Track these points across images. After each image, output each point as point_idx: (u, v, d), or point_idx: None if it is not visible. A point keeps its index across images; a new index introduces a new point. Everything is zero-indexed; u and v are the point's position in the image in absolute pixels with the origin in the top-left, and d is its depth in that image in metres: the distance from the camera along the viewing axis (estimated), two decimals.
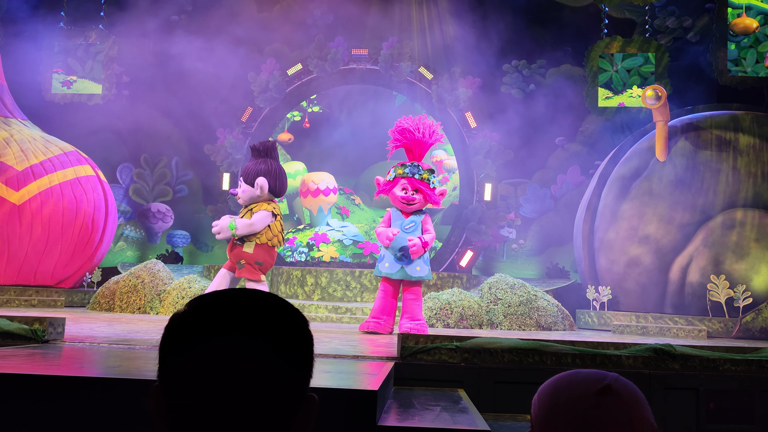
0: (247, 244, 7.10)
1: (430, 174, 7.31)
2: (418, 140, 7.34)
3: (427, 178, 7.25)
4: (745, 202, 10.33)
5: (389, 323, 7.18)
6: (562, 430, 1.14)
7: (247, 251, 7.11)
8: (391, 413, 3.13)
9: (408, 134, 7.37)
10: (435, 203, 7.38)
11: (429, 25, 13.88)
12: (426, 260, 7.27)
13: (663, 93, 10.47)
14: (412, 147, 7.40)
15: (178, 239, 13.82)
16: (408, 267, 7.12)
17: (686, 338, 8.91)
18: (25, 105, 12.25)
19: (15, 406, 2.73)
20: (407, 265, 7.11)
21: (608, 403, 1.12)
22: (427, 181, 7.24)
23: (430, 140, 7.45)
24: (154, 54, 12.96)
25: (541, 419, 1.18)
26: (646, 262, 10.43)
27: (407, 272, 7.11)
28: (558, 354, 4.47)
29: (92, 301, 9.83)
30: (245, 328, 0.91)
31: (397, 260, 7.14)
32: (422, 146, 7.42)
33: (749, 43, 12.06)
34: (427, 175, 7.28)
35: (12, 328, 4.46)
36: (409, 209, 7.29)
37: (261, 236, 7.12)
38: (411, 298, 7.13)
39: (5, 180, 10.36)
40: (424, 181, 7.22)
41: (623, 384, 1.15)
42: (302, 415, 0.94)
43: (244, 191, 7.27)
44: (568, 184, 13.36)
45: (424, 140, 7.37)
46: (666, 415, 4.37)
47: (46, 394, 2.75)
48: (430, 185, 7.24)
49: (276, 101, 13.28)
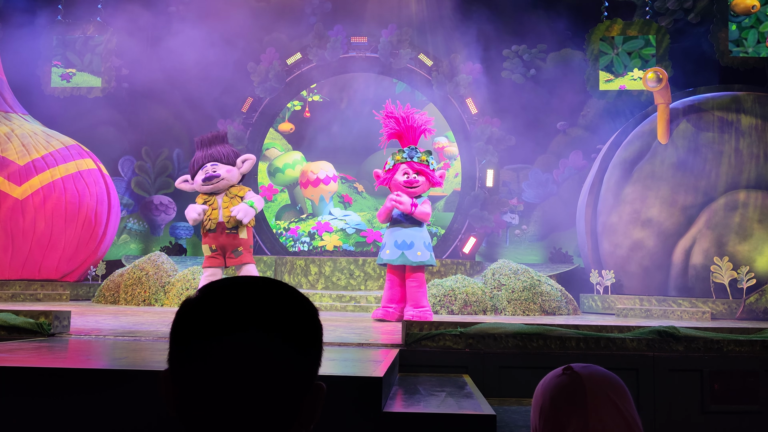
0: (242, 230, 7.12)
1: (428, 155, 7.29)
2: (409, 126, 7.35)
3: (426, 160, 7.23)
4: (748, 183, 10.30)
5: (399, 311, 7.19)
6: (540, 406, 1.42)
7: (243, 237, 7.16)
8: (397, 399, 3.15)
9: (398, 123, 7.38)
10: (437, 184, 7.37)
11: (428, 12, 13.80)
12: (428, 246, 7.24)
13: (664, 75, 10.43)
14: (404, 134, 7.40)
15: (181, 231, 13.85)
16: (409, 252, 7.09)
17: (690, 320, 8.92)
18: (25, 99, 12.24)
19: (22, 399, 2.75)
20: (407, 249, 7.11)
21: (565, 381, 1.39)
22: (426, 163, 7.22)
23: (421, 126, 7.42)
24: (153, 46, 12.92)
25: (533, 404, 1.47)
26: (649, 245, 10.43)
27: (408, 257, 7.10)
28: (562, 338, 4.48)
29: (97, 294, 9.87)
30: (257, 322, 0.91)
31: (397, 246, 7.15)
32: (414, 131, 7.41)
33: (750, 24, 11.99)
34: (426, 156, 7.26)
35: (18, 322, 4.48)
36: (414, 192, 7.27)
37: (250, 221, 7.19)
38: (414, 285, 7.13)
39: (7, 175, 10.37)
40: (423, 164, 7.21)
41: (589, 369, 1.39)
42: (310, 403, 0.95)
43: (229, 170, 7.22)
44: (570, 169, 13.33)
45: (414, 126, 7.37)
46: (670, 397, 4.39)
47: (53, 387, 2.77)
48: (430, 167, 7.21)
49: (276, 91, 13.25)
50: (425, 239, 7.20)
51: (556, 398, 1.39)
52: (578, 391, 1.37)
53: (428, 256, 7.18)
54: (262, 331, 0.91)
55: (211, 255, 7.19)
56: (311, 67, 13.32)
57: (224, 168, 7.21)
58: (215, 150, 7.32)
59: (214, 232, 7.12)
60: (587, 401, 1.35)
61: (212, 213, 7.15)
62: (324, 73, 13.47)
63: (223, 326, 0.91)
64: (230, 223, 7.06)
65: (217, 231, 7.10)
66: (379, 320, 7.15)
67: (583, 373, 1.39)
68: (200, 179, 7.20)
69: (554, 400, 1.39)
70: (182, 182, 7.48)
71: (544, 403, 1.42)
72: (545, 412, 1.41)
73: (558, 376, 1.42)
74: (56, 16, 13.35)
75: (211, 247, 7.18)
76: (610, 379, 1.40)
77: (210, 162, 7.25)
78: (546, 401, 1.42)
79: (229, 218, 7.07)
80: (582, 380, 1.38)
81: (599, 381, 1.38)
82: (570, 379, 1.39)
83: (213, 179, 7.12)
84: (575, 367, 1.42)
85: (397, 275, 7.27)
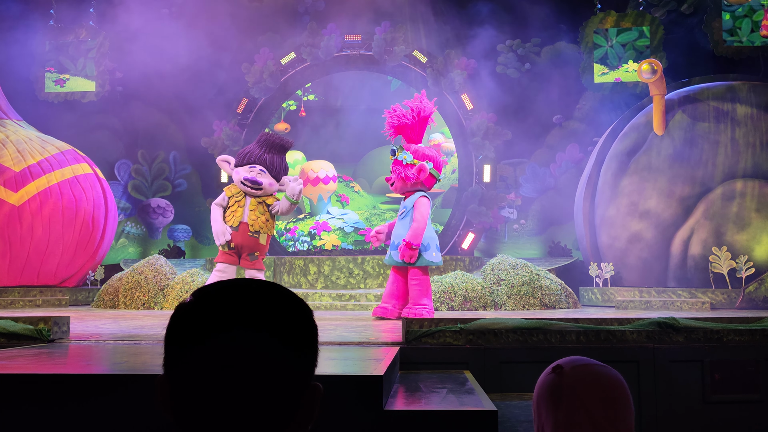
0: (262, 236, 7.11)
1: (401, 150, 7.21)
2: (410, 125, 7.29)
3: (399, 155, 7.18)
4: (745, 172, 10.31)
5: (398, 308, 7.17)
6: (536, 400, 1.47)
7: (263, 243, 7.15)
8: (398, 397, 3.14)
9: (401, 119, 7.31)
10: (407, 179, 7.07)
11: (422, 8, 13.79)
12: (426, 246, 7.10)
13: (659, 66, 10.43)
14: (407, 131, 7.34)
15: (179, 234, 13.83)
16: (395, 252, 7.11)
17: (690, 311, 8.93)
18: (20, 105, 12.21)
19: (23, 406, 2.74)
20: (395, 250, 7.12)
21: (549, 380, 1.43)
22: (400, 159, 7.16)
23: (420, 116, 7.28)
24: (146, 48, 12.89)
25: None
26: (648, 237, 10.44)
27: (393, 258, 7.13)
28: (562, 332, 4.48)
29: (96, 299, 9.85)
30: (249, 322, 0.91)
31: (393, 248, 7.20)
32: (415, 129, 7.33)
33: (744, 13, 11.99)
34: (400, 151, 7.20)
35: (17, 329, 4.47)
36: (401, 191, 7.30)
37: (271, 229, 7.19)
38: (414, 284, 7.11)
39: (3, 182, 10.35)
40: (397, 160, 7.17)
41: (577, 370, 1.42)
42: (307, 403, 0.95)
43: (271, 184, 7.15)
44: (567, 162, 13.34)
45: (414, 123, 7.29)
46: (672, 388, 4.39)
47: (54, 394, 2.76)
48: (403, 162, 7.13)
49: (271, 91, 13.23)
50: (424, 241, 7.05)
51: (540, 396, 1.45)
52: (555, 392, 1.41)
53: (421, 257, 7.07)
54: (253, 330, 0.91)
55: (227, 252, 7.14)
56: (305, 66, 13.31)
57: (269, 180, 7.14)
58: (272, 157, 7.25)
59: (236, 231, 7.06)
60: (561, 403, 1.39)
61: (237, 210, 7.07)
62: (318, 72, 13.45)
63: (215, 328, 0.91)
64: (254, 226, 7.03)
65: (239, 230, 7.06)
66: (378, 318, 7.14)
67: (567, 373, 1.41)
68: (243, 175, 7.10)
69: (539, 398, 1.46)
70: (224, 161, 7.38)
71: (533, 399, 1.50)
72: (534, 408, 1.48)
73: (547, 374, 1.46)
74: (48, 21, 13.31)
75: (229, 244, 7.11)
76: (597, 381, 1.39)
77: (261, 166, 7.19)
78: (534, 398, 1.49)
79: (255, 221, 7.04)
80: (563, 381, 1.41)
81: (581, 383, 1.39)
82: (553, 379, 1.43)
83: (254, 184, 7.06)
84: (567, 364, 1.44)
85: (398, 273, 7.26)
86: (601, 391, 1.38)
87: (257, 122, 13.38)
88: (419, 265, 7.06)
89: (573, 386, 1.39)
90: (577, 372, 1.41)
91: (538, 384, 1.48)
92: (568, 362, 1.44)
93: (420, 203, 7.07)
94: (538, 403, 1.46)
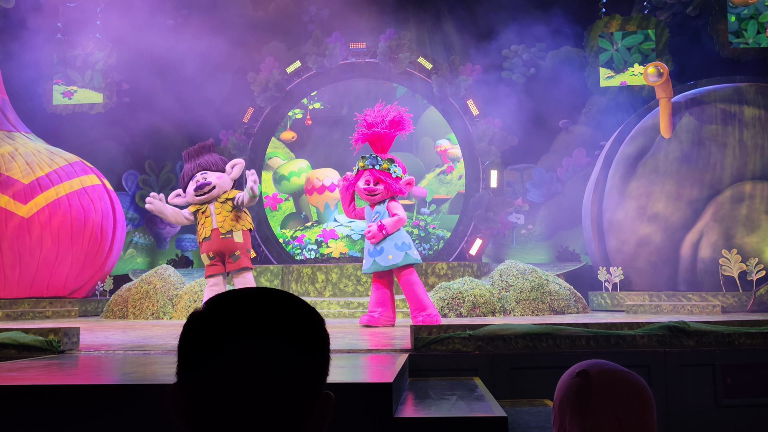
0: (236, 234, 7.05)
1: (390, 164, 7.24)
2: (378, 134, 7.34)
3: (387, 168, 7.21)
4: (753, 174, 10.25)
5: (384, 315, 7.10)
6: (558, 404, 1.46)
7: (239, 240, 7.05)
8: (408, 404, 3.13)
9: (371, 128, 7.39)
10: (399, 192, 7.21)
11: (426, 15, 13.82)
12: (402, 246, 7.09)
13: (665, 69, 10.40)
14: (374, 140, 7.40)
15: (187, 243, 13.88)
16: (379, 258, 7.04)
17: (700, 314, 8.88)
18: (28, 118, 12.30)
19: (34, 417, 2.74)
20: (378, 255, 7.09)
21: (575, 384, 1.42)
22: (387, 170, 7.22)
23: (392, 131, 7.41)
24: (153, 60, 12.97)
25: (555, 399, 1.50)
26: (657, 241, 10.39)
27: (379, 263, 7.07)
28: (572, 337, 4.46)
29: (105, 310, 9.88)
30: (264, 331, 0.91)
31: (370, 254, 7.14)
32: (384, 139, 7.39)
33: (749, 14, 11.96)
34: (387, 165, 7.22)
35: (27, 340, 4.49)
36: (373, 200, 7.28)
37: (245, 223, 7.13)
38: (407, 290, 7.07)
39: (12, 194, 10.42)
40: (384, 171, 7.21)
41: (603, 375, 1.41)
42: (318, 413, 0.95)
43: (220, 177, 7.15)
44: (574, 167, 13.31)
45: (384, 133, 7.35)
46: (683, 393, 4.36)
47: (65, 404, 2.76)
48: (393, 175, 7.21)
49: (277, 100, 13.28)
50: (397, 240, 7.08)
51: (564, 401, 1.43)
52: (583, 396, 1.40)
53: (401, 257, 7.04)
54: (266, 339, 0.91)
55: (211, 263, 7.11)
56: (311, 74, 13.35)
57: (214, 175, 7.14)
58: (203, 159, 7.26)
59: (209, 240, 7.04)
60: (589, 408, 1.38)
61: (205, 221, 7.08)
62: (324, 81, 13.49)
63: (230, 336, 0.91)
64: (224, 228, 7.02)
65: (212, 238, 7.02)
66: (365, 326, 7.10)
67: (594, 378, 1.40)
68: (192, 190, 7.12)
69: (562, 402, 1.44)
70: (175, 197, 7.34)
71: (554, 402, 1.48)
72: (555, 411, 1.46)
73: (571, 378, 1.44)
74: (56, 34, 13.42)
75: (209, 255, 7.10)
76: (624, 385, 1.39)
77: (200, 172, 7.19)
78: (555, 401, 1.47)
79: (223, 223, 7.01)
80: (590, 386, 1.39)
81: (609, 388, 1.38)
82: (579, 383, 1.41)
83: (205, 187, 7.06)
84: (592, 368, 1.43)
85: (380, 281, 7.22)
86: (630, 395, 1.38)
87: (263, 131, 13.44)
88: (404, 263, 7.03)
89: (601, 391, 1.38)
90: (604, 376, 1.40)
91: (560, 388, 1.46)
92: (593, 366, 1.43)
93: (395, 205, 7.23)
94: (561, 407, 1.44)
